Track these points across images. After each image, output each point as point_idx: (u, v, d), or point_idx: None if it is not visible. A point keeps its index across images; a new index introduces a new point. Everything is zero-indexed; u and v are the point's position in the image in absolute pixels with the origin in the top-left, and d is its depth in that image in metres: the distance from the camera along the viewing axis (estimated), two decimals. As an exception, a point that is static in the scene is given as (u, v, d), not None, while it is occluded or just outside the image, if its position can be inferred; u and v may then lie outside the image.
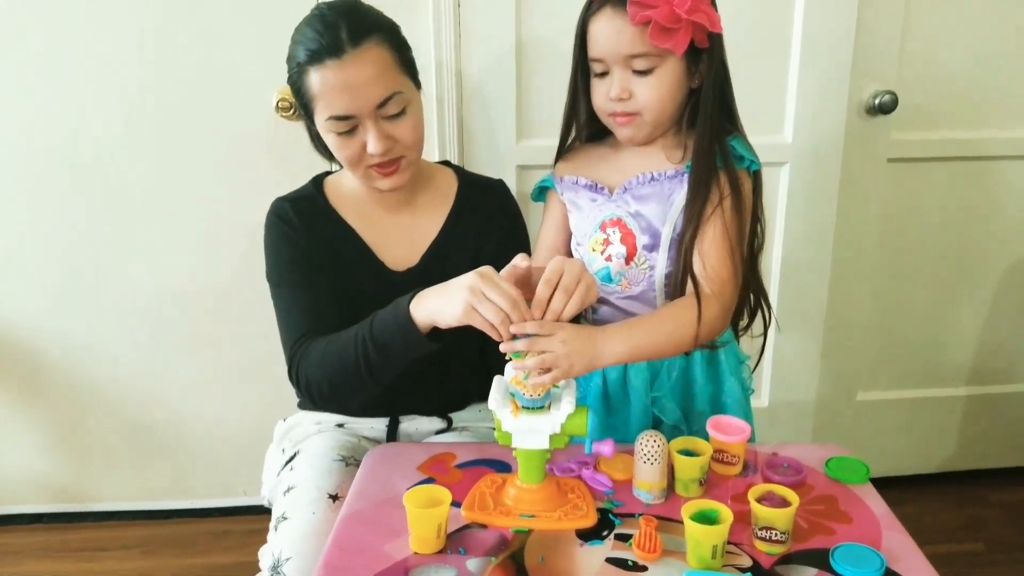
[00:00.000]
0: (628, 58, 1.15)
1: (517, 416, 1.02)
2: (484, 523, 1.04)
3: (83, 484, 2.10)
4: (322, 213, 1.36)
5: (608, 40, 1.16)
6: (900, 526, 1.04)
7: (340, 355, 1.21)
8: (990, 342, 2.17)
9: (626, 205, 1.25)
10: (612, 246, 1.25)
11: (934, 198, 2.01)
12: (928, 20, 1.85)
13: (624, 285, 1.25)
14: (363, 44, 1.18)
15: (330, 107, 1.20)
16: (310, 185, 1.40)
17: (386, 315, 1.15)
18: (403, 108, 1.23)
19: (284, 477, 1.33)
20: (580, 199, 1.30)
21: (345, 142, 1.23)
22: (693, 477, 1.08)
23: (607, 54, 1.17)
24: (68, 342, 1.96)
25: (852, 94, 1.84)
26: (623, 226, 1.24)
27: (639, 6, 1.10)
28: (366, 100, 1.19)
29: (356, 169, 1.27)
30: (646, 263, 1.23)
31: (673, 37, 1.11)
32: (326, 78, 1.18)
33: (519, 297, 1.02)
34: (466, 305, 1.03)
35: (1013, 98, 1.94)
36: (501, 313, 1.01)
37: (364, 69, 1.18)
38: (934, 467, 2.25)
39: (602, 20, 1.16)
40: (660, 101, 1.18)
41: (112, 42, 1.72)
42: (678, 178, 1.21)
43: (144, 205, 1.85)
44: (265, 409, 1.83)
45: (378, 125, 1.21)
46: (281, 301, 1.33)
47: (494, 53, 1.74)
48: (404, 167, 1.28)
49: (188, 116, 1.78)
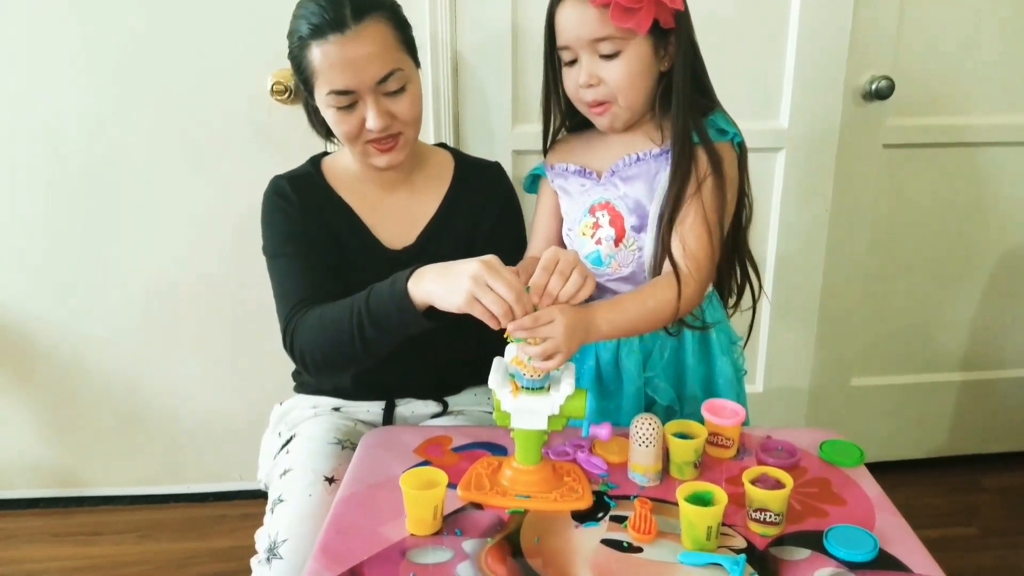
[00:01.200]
0: (593, 42, 1.16)
1: (516, 396, 1.03)
2: (480, 503, 1.05)
3: (79, 469, 2.10)
4: (319, 191, 1.37)
5: (573, 26, 1.17)
6: (893, 508, 1.05)
7: (335, 325, 1.20)
8: (983, 328, 2.18)
9: (614, 188, 1.26)
10: (601, 229, 1.26)
11: (929, 184, 2.01)
12: (924, 5, 1.84)
13: (615, 267, 1.26)
14: (365, 20, 1.19)
15: (331, 82, 1.21)
16: (308, 164, 1.41)
17: (383, 289, 1.15)
18: (403, 85, 1.24)
19: (280, 460, 1.34)
20: (569, 185, 1.31)
21: (344, 117, 1.24)
22: (688, 460, 1.09)
23: (573, 40, 1.18)
24: (63, 328, 1.96)
25: (848, 80, 1.84)
26: (611, 209, 1.25)
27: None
28: (367, 76, 1.20)
29: (354, 145, 1.28)
30: (635, 244, 1.24)
31: (635, 16, 1.11)
32: (328, 53, 1.19)
33: (523, 289, 1.03)
34: (468, 295, 1.03)
35: (1009, 84, 1.94)
36: (504, 304, 1.01)
37: (366, 45, 1.19)
38: (927, 452, 2.27)
39: (566, 7, 1.17)
40: (629, 83, 1.18)
41: (103, 27, 1.71)
42: (663, 156, 1.22)
43: (136, 192, 1.84)
44: (260, 394, 1.84)
45: (378, 101, 1.22)
46: (277, 272, 1.33)
47: (489, 39, 1.74)
48: (402, 144, 1.29)
49: (181, 102, 1.78)
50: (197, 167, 1.83)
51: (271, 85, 1.71)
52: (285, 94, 1.71)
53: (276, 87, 1.71)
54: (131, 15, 1.71)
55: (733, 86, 1.35)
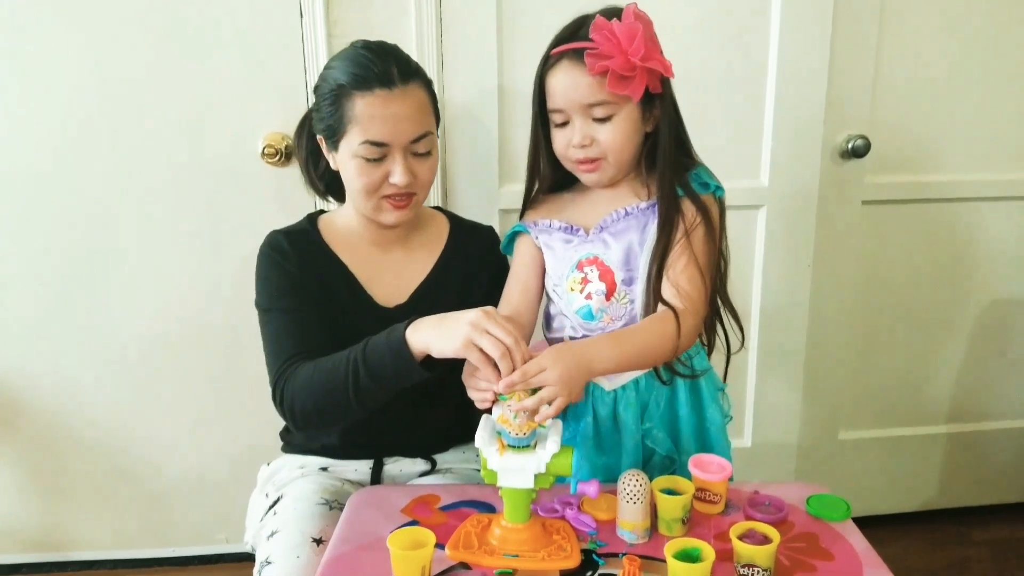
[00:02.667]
0: (587, 107, 1.20)
1: (503, 455, 1.03)
2: (468, 562, 1.04)
3: (62, 533, 2.07)
4: (315, 247, 1.39)
5: (567, 91, 1.20)
6: (881, 563, 1.05)
7: (329, 375, 1.21)
8: (969, 380, 2.19)
9: (603, 244, 1.27)
10: (591, 284, 1.27)
11: (909, 239, 2.05)
12: (898, 65, 1.90)
13: (606, 320, 1.27)
14: (411, 83, 1.27)
15: (368, 132, 1.25)
16: (305, 221, 1.44)
17: (380, 339, 1.17)
18: (429, 149, 1.32)
19: (268, 521, 1.33)
20: (554, 241, 1.32)
21: (370, 169, 1.28)
22: (676, 516, 1.09)
23: (567, 104, 1.21)
24: (45, 387, 1.94)
25: (826, 139, 1.89)
26: (600, 263, 1.27)
27: (596, 57, 1.15)
28: (404, 133, 1.27)
29: (370, 198, 1.31)
30: (626, 297, 1.25)
31: (630, 84, 1.16)
32: (372, 103, 1.24)
33: (520, 339, 1.05)
34: (465, 339, 1.06)
35: (982, 142, 1.99)
36: (502, 347, 1.04)
37: (408, 104, 1.26)
38: (917, 505, 2.26)
39: (560, 72, 1.20)
40: (621, 144, 1.22)
41: (96, 82, 1.74)
42: (650, 209, 1.25)
43: (124, 249, 1.85)
44: (245, 454, 1.83)
45: (407, 159, 1.28)
46: (270, 326, 1.34)
47: (476, 101, 1.78)
48: (414, 204, 1.34)
49: (172, 160, 1.79)
50: (184, 227, 1.84)
51: (262, 148, 1.74)
52: (276, 157, 1.74)
53: (267, 150, 1.74)
54: (126, 71, 1.73)
55: (714, 146, 1.39)
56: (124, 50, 1.72)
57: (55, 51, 1.72)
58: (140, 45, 1.72)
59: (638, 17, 1.17)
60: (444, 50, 1.74)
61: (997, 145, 2.01)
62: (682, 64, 1.24)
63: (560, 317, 1.33)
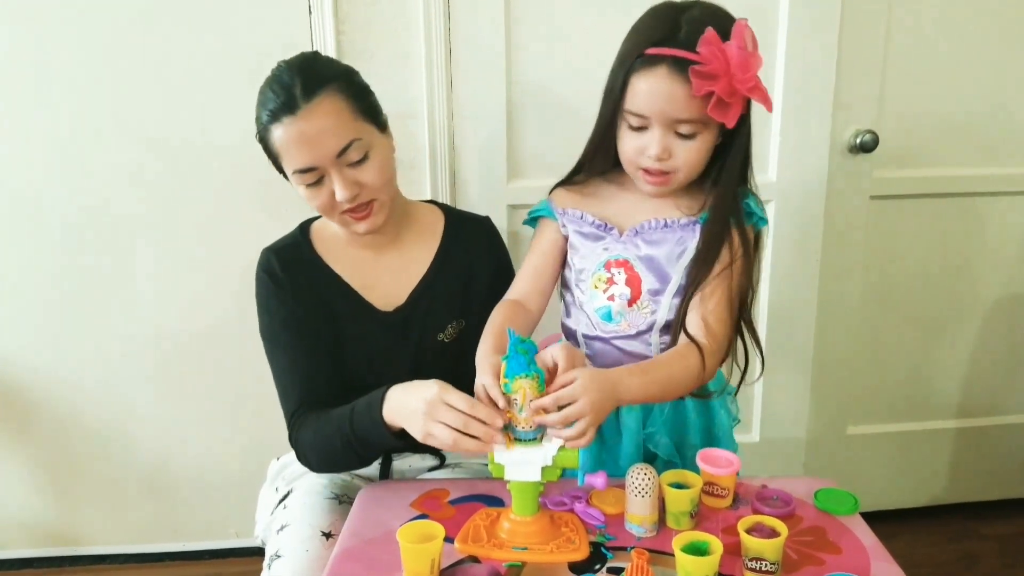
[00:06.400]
0: (675, 121, 1.13)
1: (510, 448, 1.04)
2: (477, 555, 1.05)
3: (75, 528, 2.09)
4: (307, 260, 1.37)
5: (658, 101, 1.12)
6: (889, 556, 1.05)
7: (329, 441, 1.24)
8: (978, 375, 2.19)
9: (635, 248, 1.23)
10: (616, 286, 1.24)
11: (918, 234, 2.05)
12: (906, 60, 1.90)
13: (624, 326, 1.24)
14: (315, 98, 1.20)
15: (293, 161, 1.23)
16: (296, 232, 1.42)
17: (363, 413, 1.18)
18: (365, 153, 1.25)
19: (278, 515, 1.34)
20: (585, 234, 1.28)
21: (315, 193, 1.25)
22: (683, 510, 1.09)
23: (652, 112, 1.13)
24: (59, 385, 1.96)
25: (834, 134, 1.89)
26: (629, 268, 1.23)
27: (703, 78, 1.07)
28: (325, 151, 1.21)
29: (331, 216, 1.29)
30: (649, 307, 1.23)
31: (729, 111, 1.10)
32: (285, 134, 1.21)
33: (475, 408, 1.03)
34: (423, 432, 1.07)
35: (991, 136, 1.99)
36: (452, 436, 1.03)
37: (319, 121, 1.20)
38: (925, 500, 2.26)
39: (654, 79, 1.11)
40: (697, 163, 1.18)
41: (106, 82, 1.75)
42: (691, 227, 1.22)
43: (135, 249, 1.87)
44: (255, 449, 1.84)
45: (342, 173, 1.23)
46: (275, 364, 1.36)
47: (486, 93, 1.78)
48: (377, 209, 1.29)
49: (182, 160, 1.81)
50: (192, 225, 1.86)
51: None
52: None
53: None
54: (134, 70, 1.74)
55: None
56: (131, 49, 1.73)
57: (64, 51, 1.73)
58: (147, 44, 1.73)
59: (750, 37, 1.11)
60: (452, 45, 1.74)
61: (1005, 139, 2.00)
62: (691, 59, 1.24)
63: (576, 310, 1.30)
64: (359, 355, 1.36)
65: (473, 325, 1.38)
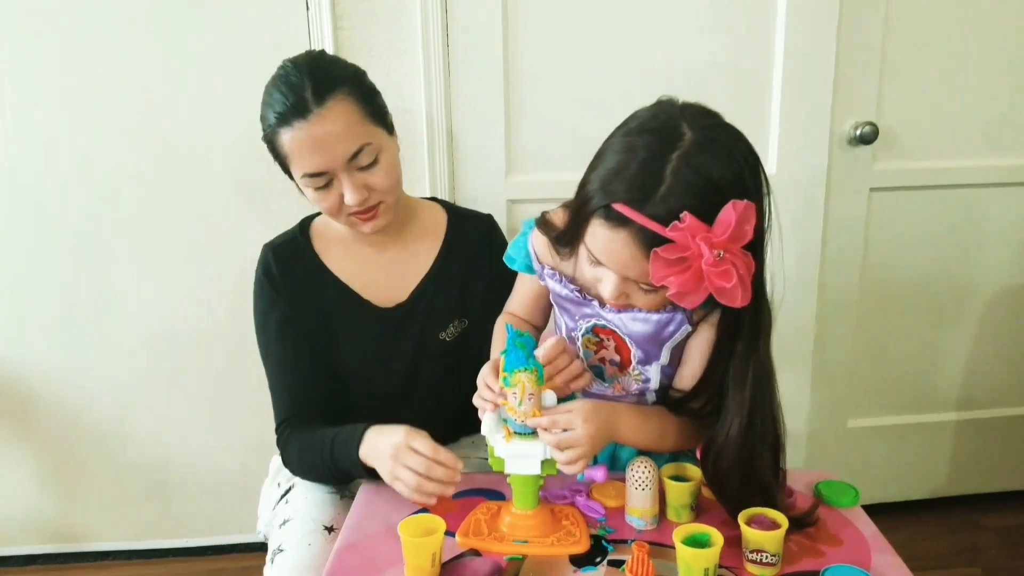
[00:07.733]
0: (635, 281, 1.01)
1: (509, 441, 1.04)
2: (478, 549, 1.05)
3: (78, 524, 2.09)
4: (306, 259, 1.37)
5: (616, 262, 0.99)
6: (890, 548, 1.05)
7: (312, 466, 1.28)
8: (977, 367, 2.19)
9: (620, 322, 1.13)
10: (606, 351, 1.18)
11: (918, 225, 2.04)
12: (905, 52, 1.89)
13: (617, 389, 1.20)
14: (328, 101, 1.19)
15: (303, 165, 1.22)
16: (296, 229, 1.41)
17: (342, 447, 1.20)
18: (375, 157, 1.24)
19: (280, 510, 1.34)
20: (566, 298, 1.18)
21: (323, 195, 1.25)
22: (684, 503, 1.10)
23: (612, 266, 1.00)
24: (61, 382, 1.96)
25: (833, 126, 1.89)
26: (617, 338, 1.15)
27: (664, 268, 0.92)
28: (337, 155, 1.21)
29: (338, 218, 1.29)
30: (640, 375, 1.18)
31: (690, 298, 0.94)
32: (295, 138, 1.20)
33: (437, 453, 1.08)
34: (391, 475, 1.11)
35: (990, 128, 1.98)
36: (416, 481, 1.08)
37: (332, 125, 1.19)
38: (926, 493, 2.26)
39: (616, 240, 0.96)
40: (660, 306, 1.08)
41: (105, 82, 1.75)
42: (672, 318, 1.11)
43: (133, 247, 1.87)
44: (256, 445, 1.84)
45: (352, 177, 1.23)
46: (269, 372, 1.37)
47: (483, 90, 1.78)
48: (383, 211, 1.29)
49: (181, 158, 1.81)
50: (192, 223, 1.86)
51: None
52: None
53: (274, 142, 1.74)
54: (132, 68, 1.74)
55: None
56: (130, 48, 1.73)
57: (61, 50, 1.73)
58: (146, 42, 1.73)
59: (743, 220, 0.95)
60: (450, 39, 1.74)
61: (1005, 131, 1.99)
62: (690, 51, 1.22)
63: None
64: (355, 354, 1.37)
65: (474, 324, 1.38)
